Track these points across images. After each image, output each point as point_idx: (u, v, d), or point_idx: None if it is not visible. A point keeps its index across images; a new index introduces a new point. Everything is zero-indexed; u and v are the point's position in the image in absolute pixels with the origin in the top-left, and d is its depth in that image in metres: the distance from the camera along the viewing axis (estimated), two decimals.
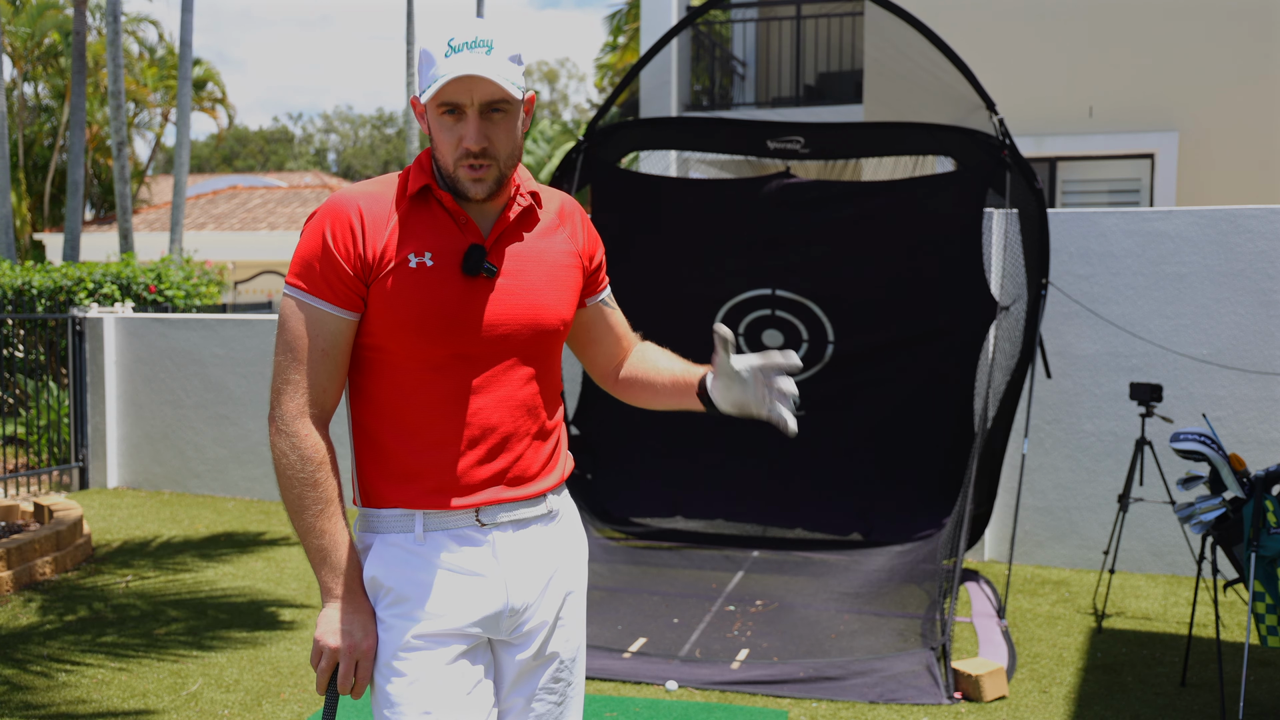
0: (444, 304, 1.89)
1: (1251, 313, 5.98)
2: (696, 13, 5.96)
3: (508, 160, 1.91)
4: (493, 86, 1.85)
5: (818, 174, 6.66)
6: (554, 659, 2.04)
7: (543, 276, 1.98)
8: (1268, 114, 9.46)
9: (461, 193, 1.91)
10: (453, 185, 1.92)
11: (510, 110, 1.90)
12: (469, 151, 1.87)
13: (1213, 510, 4.09)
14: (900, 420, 6.38)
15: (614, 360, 2.22)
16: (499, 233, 1.95)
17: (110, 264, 10.46)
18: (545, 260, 2.00)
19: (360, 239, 1.88)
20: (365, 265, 1.88)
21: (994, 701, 4.28)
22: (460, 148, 1.87)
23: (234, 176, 33.07)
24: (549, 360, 2.02)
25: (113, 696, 4.32)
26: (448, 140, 1.88)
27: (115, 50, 13.94)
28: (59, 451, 8.75)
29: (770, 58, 13.81)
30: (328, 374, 1.91)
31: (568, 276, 2.03)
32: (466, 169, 1.88)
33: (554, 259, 2.01)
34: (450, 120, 1.88)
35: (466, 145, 1.86)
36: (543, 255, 2.00)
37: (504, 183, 1.93)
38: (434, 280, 1.89)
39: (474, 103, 1.86)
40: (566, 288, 2.02)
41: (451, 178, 1.91)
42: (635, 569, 6.03)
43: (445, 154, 1.90)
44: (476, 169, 1.88)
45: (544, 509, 2.02)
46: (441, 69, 1.83)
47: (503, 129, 1.89)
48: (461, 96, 1.85)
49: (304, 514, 1.90)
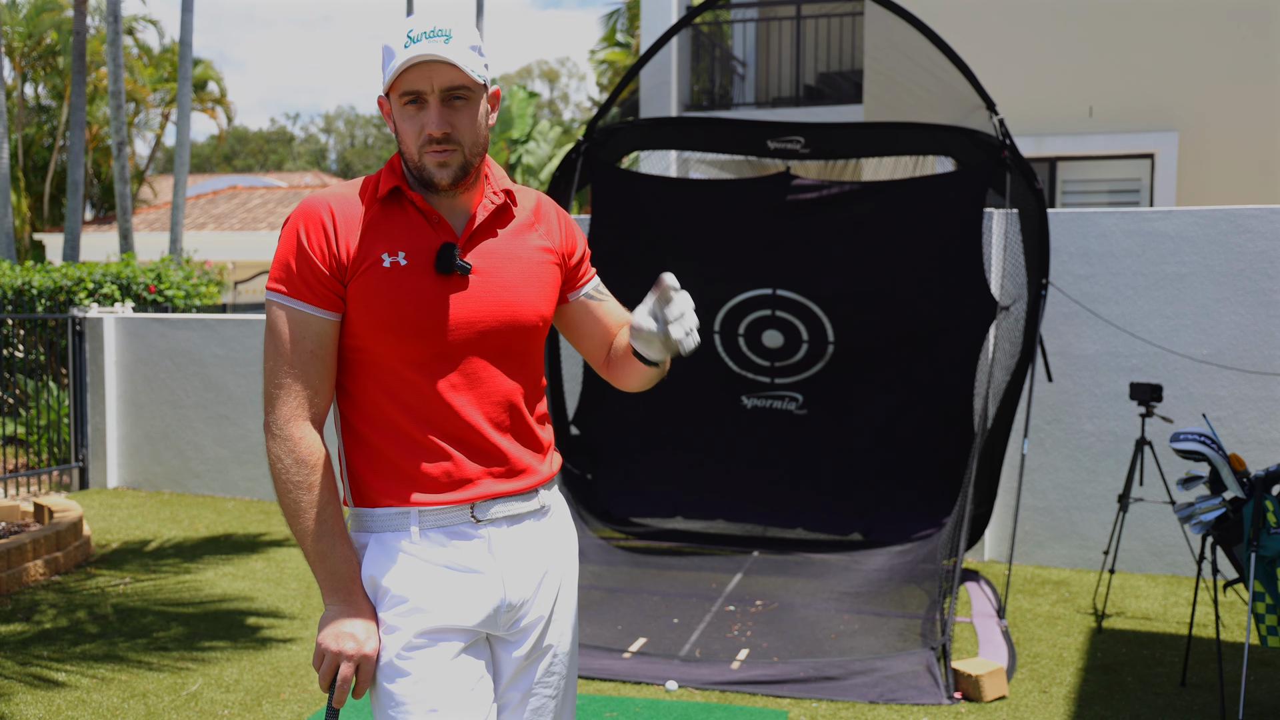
0: (419, 303, 1.90)
1: (1251, 313, 5.98)
2: (695, 12, 5.95)
3: (472, 147, 1.92)
4: (453, 71, 1.86)
5: (818, 174, 6.66)
6: (549, 651, 2.06)
7: (518, 273, 1.99)
8: (1268, 114, 9.45)
9: (428, 181, 1.92)
10: (420, 178, 1.92)
11: (472, 98, 1.91)
12: (431, 137, 1.88)
13: (1213, 510, 4.09)
14: (900, 420, 6.38)
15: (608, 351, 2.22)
16: (471, 230, 1.96)
17: (110, 264, 10.45)
18: (520, 257, 2.01)
19: (334, 238, 1.89)
20: (340, 265, 1.89)
21: (994, 701, 4.28)
22: (423, 134, 1.88)
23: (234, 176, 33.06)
24: (530, 356, 2.03)
25: (112, 697, 4.32)
26: (411, 130, 1.90)
27: (115, 50, 13.94)
28: (59, 451, 8.75)
29: (770, 58, 13.81)
30: (319, 375, 1.91)
31: (545, 273, 2.04)
32: (431, 154, 1.89)
33: (529, 256, 2.02)
34: (413, 110, 1.89)
35: (429, 130, 1.87)
36: (518, 252, 2.01)
37: (469, 171, 1.93)
38: (408, 279, 1.90)
39: (435, 89, 1.87)
40: (544, 284, 2.03)
41: (418, 168, 1.91)
42: (635, 569, 6.03)
43: (409, 144, 1.91)
44: (440, 153, 1.89)
45: (536, 504, 2.03)
46: (404, 58, 1.85)
47: (465, 116, 1.90)
48: (422, 84, 1.87)
49: (302, 518, 1.90)
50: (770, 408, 6.57)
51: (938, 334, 6.20)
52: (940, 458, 6.18)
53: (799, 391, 6.54)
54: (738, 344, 6.56)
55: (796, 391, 6.54)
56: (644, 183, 6.84)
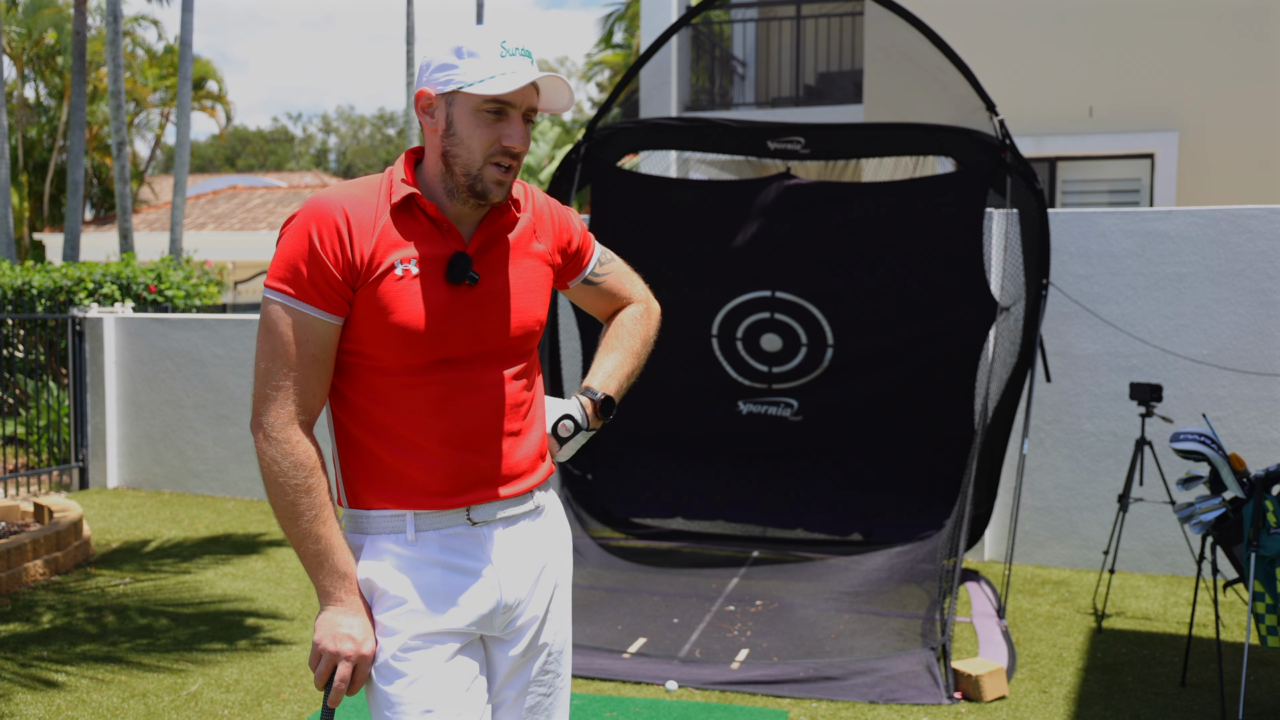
0: (430, 312, 1.89)
1: (1251, 313, 5.98)
2: (694, 11, 5.95)
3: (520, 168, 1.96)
4: (536, 95, 1.91)
5: (818, 175, 6.65)
6: (544, 650, 2.06)
7: (521, 282, 2.01)
8: (1268, 114, 9.45)
9: (481, 192, 1.91)
10: (470, 187, 1.90)
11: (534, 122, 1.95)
12: (509, 151, 1.89)
13: (1213, 510, 4.09)
14: (900, 421, 6.37)
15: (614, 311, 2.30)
16: (481, 239, 1.96)
17: (110, 264, 10.46)
18: (524, 264, 2.03)
19: (348, 243, 1.86)
20: (354, 270, 1.87)
21: (994, 701, 4.28)
22: (498, 145, 1.88)
23: (234, 176, 33.07)
24: (529, 360, 2.05)
25: (112, 697, 4.32)
26: (484, 137, 1.88)
27: (115, 50, 13.94)
28: (59, 451, 8.75)
29: (770, 58, 13.81)
30: (316, 379, 1.90)
31: (542, 279, 2.06)
32: (495, 168, 1.89)
33: (530, 264, 2.04)
34: (491, 119, 1.88)
35: (509, 145, 1.88)
36: (522, 259, 2.02)
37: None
38: (419, 288, 1.89)
39: (522, 106, 1.89)
40: (542, 290, 2.06)
41: (472, 176, 1.90)
42: (635, 569, 6.03)
43: (476, 152, 1.89)
44: (506, 169, 1.90)
45: (532, 505, 2.04)
46: (501, 67, 1.85)
47: (529, 137, 1.93)
48: (517, 98, 1.88)
49: (299, 520, 1.89)
50: (766, 414, 6.57)
51: (938, 334, 6.20)
52: (940, 458, 6.18)
53: (795, 397, 6.53)
54: (736, 348, 6.56)
55: (793, 397, 6.53)
56: (644, 183, 6.84)
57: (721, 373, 6.61)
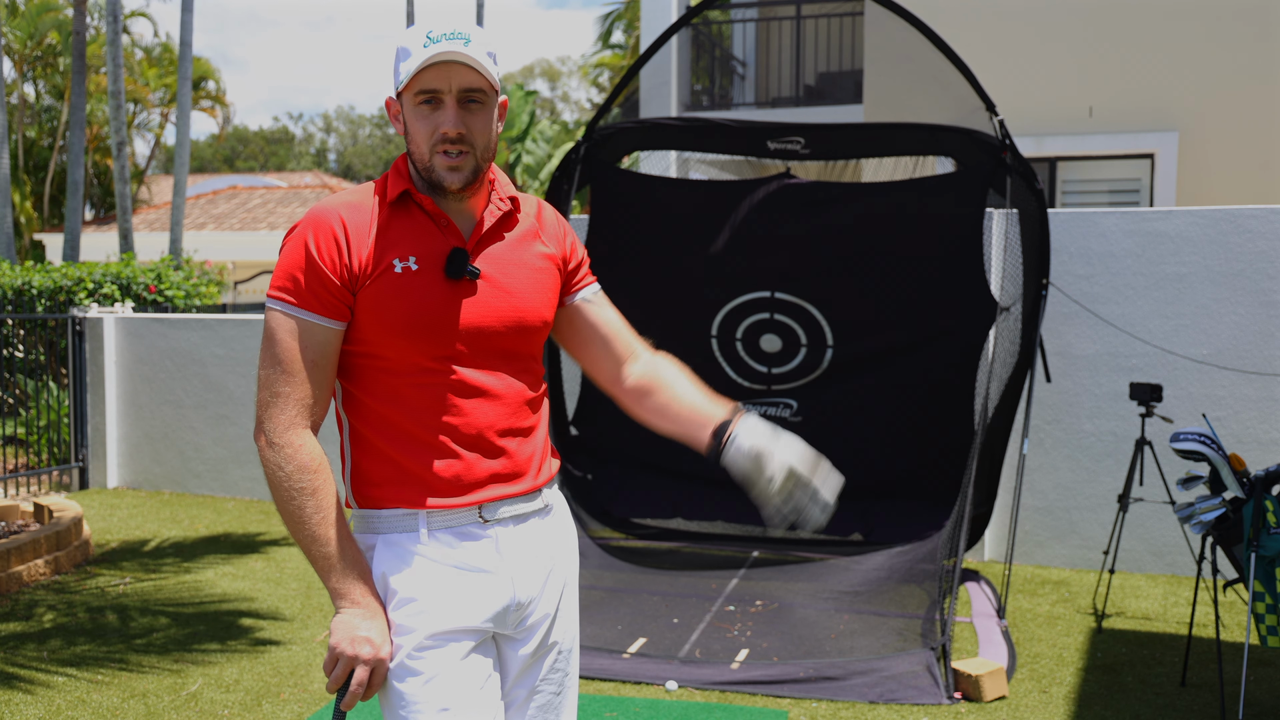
0: (430, 308, 1.91)
1: (1251, 313, 5.98)
2: (694, 11, 5.95)
3: (483, 152, 1.93)
4: (471, 73, 1.88)
5: (818, 175, 6.65)
6: (554, 648, 2.08)
7: (523, 278, 2.01)
8: (1268, 114, 9.45)
9: (437, 184, 1.92)
10: (429, 180, 1.93)
11: (486, 103, 1.92)
12: (446, 137, 1.89)
13: (1213, 510, 4.09)
14: (900, 421, 6.37)
15: (613, 363, 2.18)
16: (480, 235, 1.98)
17: (110, 264, 10.46)
18: (525, 262, 2.02)
19: (345, 249, 1.89)
20: (352, 275, 1.89)
21: (994, 701, 4.28)
22: (437, 134, 1.89)
23: (234, 176, 33.06)
24: (533, 358, 2.06)
25: (112, 697, 4.32)
26: (424, 129, 1.90)
27: (115, 50, 13.94)
28: (59, 451, 8.75)
29: (770, 58, 13.81)
30: (318, 384, 1.91)
31: (547, 277, 2.06)
32: (442, 156, 1.90)
33: (533, 261, 2.04)
34: (427, 109, 1.90)
35: (444, 130, 1.88)
36: (522, 257, 2.02)
37: (479, 176, 1.94)
38: (419, 284, 1.91)
39: (452, 90, 1.89)
40: (546, 289, 2.05)
41: (427, 169, 1.92)
42: (635, 569, 6.03)
43: (421, 144, 1.91)
44: (453, 156, 1.90)
45: (540, 503, 2.05)
46: (420, 56, 1.86)
47: (479, 119, 1.91)
48: (440, 83, 1.88)
49: (307, 524, 1.89)
50: (765, 415, 6.56)
51: (938, 335, 6.19)
52: (940, 458, 6.18)
53: (795, 398, 6.52)
54: (735, 349, 6.55)
55: (792, 398, 6.52)
56: (644, 183, 6.84)
57: (721, 373, 6.60)
